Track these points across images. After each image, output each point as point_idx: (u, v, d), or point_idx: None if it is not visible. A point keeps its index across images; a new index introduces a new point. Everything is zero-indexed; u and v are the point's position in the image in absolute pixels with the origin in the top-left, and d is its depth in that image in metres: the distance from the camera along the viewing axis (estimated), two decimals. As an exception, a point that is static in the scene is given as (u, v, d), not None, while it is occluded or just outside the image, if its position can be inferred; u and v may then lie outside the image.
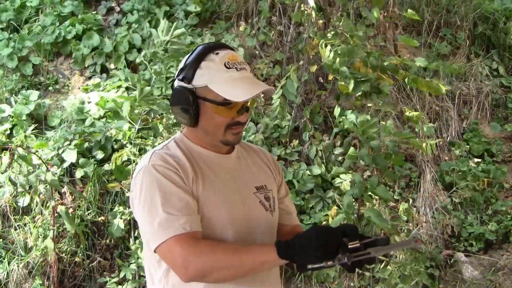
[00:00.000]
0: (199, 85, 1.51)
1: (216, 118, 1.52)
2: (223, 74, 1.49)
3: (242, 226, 1.55)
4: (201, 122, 1.54)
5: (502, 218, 4.75)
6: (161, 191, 1.45)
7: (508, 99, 5.75)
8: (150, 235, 1.45)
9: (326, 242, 1.31)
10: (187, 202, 1.46)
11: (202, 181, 1.52)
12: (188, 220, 1.44)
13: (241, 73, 1.51)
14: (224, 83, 1.48)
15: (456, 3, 5.99)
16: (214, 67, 1.50)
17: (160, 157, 1.51)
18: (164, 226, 1.42)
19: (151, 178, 1.47)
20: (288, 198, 1.78)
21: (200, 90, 1.51)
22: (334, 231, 1.35)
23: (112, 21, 5.59)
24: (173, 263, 1.43)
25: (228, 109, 1.51)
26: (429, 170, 4.90)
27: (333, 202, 4.44)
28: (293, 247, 1.34)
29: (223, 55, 1.52)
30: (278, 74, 5.16)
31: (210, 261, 1.40)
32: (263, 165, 1.73)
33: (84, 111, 4.74)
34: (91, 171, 4.28)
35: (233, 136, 1.56)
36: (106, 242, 4.28)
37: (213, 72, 1.50)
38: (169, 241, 1.41)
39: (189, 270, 1.40)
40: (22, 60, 5.19)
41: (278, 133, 4.80)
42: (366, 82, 2.77)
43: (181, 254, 1.40)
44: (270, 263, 1.42)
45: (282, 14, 5.26)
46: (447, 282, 4.40)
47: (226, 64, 1.50)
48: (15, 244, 4.15)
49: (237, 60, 1.53)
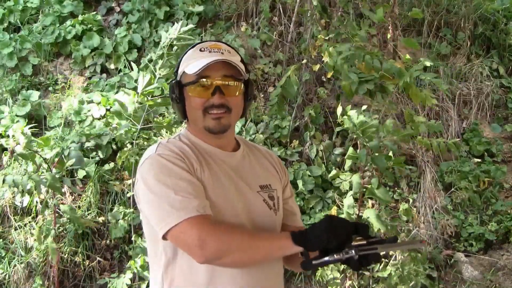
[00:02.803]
0: (180, 73, 1.59)
1: (193, 102, 1.56)
2: (195, 56, 1.56)
3: (245, 222, 1.55)
4: (187, 111, 1.59)
5: (502, 218, 4.75)
6: (171, 176, 1.46)
7: (508, 99, 5.76)
8: (161, 220, 1.43)
9: (338, 230, 1.34)
10: (198, 185, 1.47)
11: (206, 173, 1.53)
12: (202, 203, 1.44)
13: (212, 54, 1.55)
14: (193, 63, 1.54)
15: (456, 4, 5.99)
16: (191, 53, 1.59)
17: (166, 147, 1.54)
18: (177, 208, 1.41)
19: (160, 165, 1.48)
20: (292, 199, 1.79)
21: (181, 78, 1.59)
22: (346, 222, 1.38)
23: (112, 22, 5.59)
24: (187, 244, 1.41)
25: (202, 90, 1.54)
26: (429, 171, 4.90)
27: (333, 202, 4.45)
28: (307, 235, 1.37)
29: (204, 43, 1.60)
30: (279, 74, 5.16)
31: (227, 242, 1.40)
32: (268, 165, 1.73)
33: (84, 111, 4.74)
34: (92, 171, 4.28)
35: (213, 122, 1.55)
36: (106, 243, 4.29)
37: (189, 58, 1.57)
38: (184, 223, 1.40)
39: (205, 250, 1.39)
40: (22, 60, 5.19)
41: (278, 133, 4.80)
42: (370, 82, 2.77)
43: (197, 234, 1.38)
44: (285, 249, 1.41)
45: (283, 14, 5.26)
46: (447, 282, 4.41)
47: (201, 48, 1.57)
48: (15, 244, 4.15)
49: (218, 47, 1.57)
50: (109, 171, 4.37)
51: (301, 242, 1.37)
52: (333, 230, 1.33)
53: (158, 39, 5.10)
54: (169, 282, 1.52)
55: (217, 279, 1.50)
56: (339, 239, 1.33)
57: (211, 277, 1.49)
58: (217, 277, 1.50)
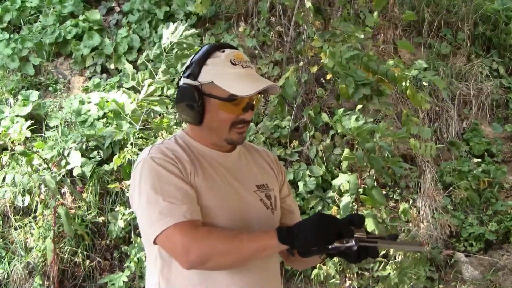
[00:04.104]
0: (205, 82, 1.52)
1: (221, 115, 1.53)
2: (229, 70, 1.51)
3: (240, 223, 1.55)
4: (206, 119, 1.55)
5: (502, 218, 4.75)
6: (160, 181, 1.46)
7: (508, 99, 5.76)
8: (150, 225, 1.44)
9: (326, 228, 1.31)
10: (186, 191, 1.47)
11: (200, 176, 1.53)
12: (189, 209, 1.44)
13: (246, 70, 1.53)
14: (230, 79, 1.50)
15: (456, 4, 5.98)
16: (220, 63, 1.52)
17: (159, 150, 1.53)
18: (165, 214, 1.42)
19: (150, 169, 1.48)
20: (290, 197, 1.78)
21: (206, 86, 1.52)
22: (335, 219, 1.36)
23: (112, 21, 5.59)
24: (173, 250, 1.43)
25: (233, 105, 1.51)
26: (429, 170, 4.90)
27: (333, 202, 4.44)
28: (293, 232, 1.35)
29: (229, 53, 1.54)
30: (278, 74, 5.16)
31: (210, 246, 1.39)
32: (265, 165, 1.73)
33: (84, 112, 4.74)
34: (89, 171, 4.28)
35: (237, 135, 1.56)
36: (106, 243, 4.29)
37: (219, 68, 1.51)
38: (170, 229, 1.40)
39: (189, 256, 1.39)
40: (23, 60, 5.19)
41: (278, 134, 4.80)
42: (367, 86, 2.78)
43: (182, 240, 1.39)
44: (270, 248, 1.40)
45: (282, 15, 5.26)
46: (447, 282, 4.40)
47: (232, 61, 1.52)
48: (15, 244, 4.15)
49: (242, 58, 1.55)
50: (109, 171, 4.37)
51: (288, 240, 1.35)
52: (322, 230, 1.31)
53: (158, 39, 5.10)
54: (165, 283, 1.53)
55: (213, 280, 1.50)
56: (327, 238, 1.31)
57: (206, 278, 1.50)
58: (213, 278, 1.50)
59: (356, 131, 2.91)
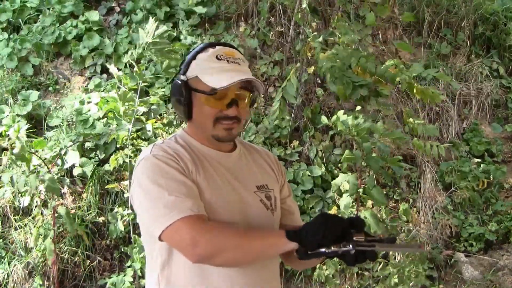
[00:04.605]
0: (191, 76, 1.55)
1: (205, 109, 1.53)
2: (213, 65, 1.52)
3: (240, 222, 1.55)
4: (194, 114, 1.57)
5: (502, 218, 4.75)
6: (164, 177, 1.46)
7: (508, 99, 5.76)
8: (154, 221, 1.43)
9: (332, 226, 1.33)
10: (191, 187, 1.47)
11: (201, 175, 1.53)
12: (195, 203, 1.44)
13: (231, 65, 1.53)
14: (212, 73, 1.51)
15: (456, 4, 5.99)
16: (207, 58, 1.54)
17: (160, 148, 1.54)
18: (170, 208, 1.41)
19: (154, 166, 1.48)
20: (290, 198, 1.78)
21: (192, 81, 1.55)
22: (340, 218, 1.37)
23: (112, 22, 5.59)
24: (181, 244, 1.41)
25: (216, 100, 1.52)
26: (429, 171, 4.90)
27: (333, 202, 4.45)
28: (301, 231, 1.36)
29: (218, 49, 1.56)
30: (278, 74, 5.16)
31: (219, 240, 1.39)
32: (265, 165, 1.73)
33: (84, 112, 4.74)
34: (90, 171, 4.28)
35: (223, 132, 1.55)
36: (106, 243, 4.29)
37: (205, 63, 1.54)
38: (177, 223, 1.40)
39: (197, 249, 1.38)
40: (22, 60, 5.19)
41: (278, 134, 4.80)
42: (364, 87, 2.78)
43: (190, 234, 1.38)
44: (279, 246, 1.40)
45: (282, 15, 5.26)
46: (447, 282, 4.41)
47: (218, 56, 1.54)
48: (15, 244, 4.15)
49: (232, 55, 1.55)
50: (109, 171, 4.37)
51: (296, 238, 1.36)
52: (328, 226, 1.33)
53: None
54: (165, 283, 1.53)
55: (212, 279, 1.50)
56: (334, 235, 1.32)
57: (206, 277, 1.49)
58: (213, 277, 1.50)
59: (355, 129, 2.90)
